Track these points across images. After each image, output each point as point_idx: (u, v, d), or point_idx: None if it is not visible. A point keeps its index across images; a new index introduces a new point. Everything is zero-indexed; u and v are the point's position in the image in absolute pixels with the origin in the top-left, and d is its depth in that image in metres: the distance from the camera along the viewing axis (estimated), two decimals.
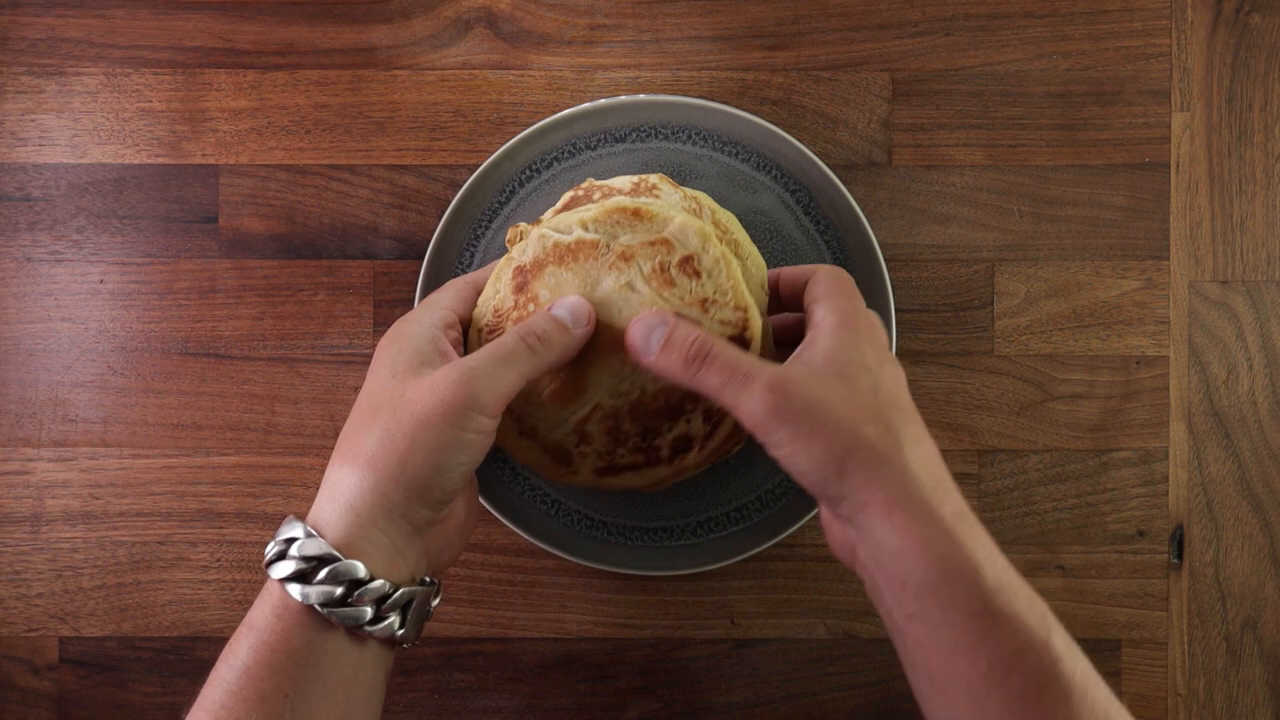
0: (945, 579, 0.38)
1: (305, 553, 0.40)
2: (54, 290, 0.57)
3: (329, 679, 0.40)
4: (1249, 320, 0.57)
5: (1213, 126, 0.57)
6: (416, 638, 0.43)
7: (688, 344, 0.41)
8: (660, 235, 0.45)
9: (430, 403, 0.41)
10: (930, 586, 0.38)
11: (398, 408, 0.41)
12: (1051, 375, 0.57)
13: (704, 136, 0.55)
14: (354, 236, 0.57)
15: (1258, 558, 0.57)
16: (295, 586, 0.39)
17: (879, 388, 0.41)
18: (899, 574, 0.39)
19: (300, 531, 0.40)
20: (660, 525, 0.56)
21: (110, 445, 0.57)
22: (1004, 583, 0.39)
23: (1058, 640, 0.38)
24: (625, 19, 0.57)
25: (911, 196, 0.57)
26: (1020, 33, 0.57)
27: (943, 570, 0.38)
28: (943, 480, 0.40)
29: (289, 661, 0.39)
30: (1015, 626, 0.38)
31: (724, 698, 0.57)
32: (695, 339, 0.41)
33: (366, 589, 0.40)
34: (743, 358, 0.41)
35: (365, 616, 0.40)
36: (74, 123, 0.57)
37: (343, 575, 0.39)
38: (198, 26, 0.57)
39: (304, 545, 0.40)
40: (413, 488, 0.41)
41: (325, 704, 0.40)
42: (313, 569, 0.40)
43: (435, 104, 0.57)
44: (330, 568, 0.40)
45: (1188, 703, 0.57)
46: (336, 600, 0.39)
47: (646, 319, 0.43)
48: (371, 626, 0.40)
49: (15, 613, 0.56)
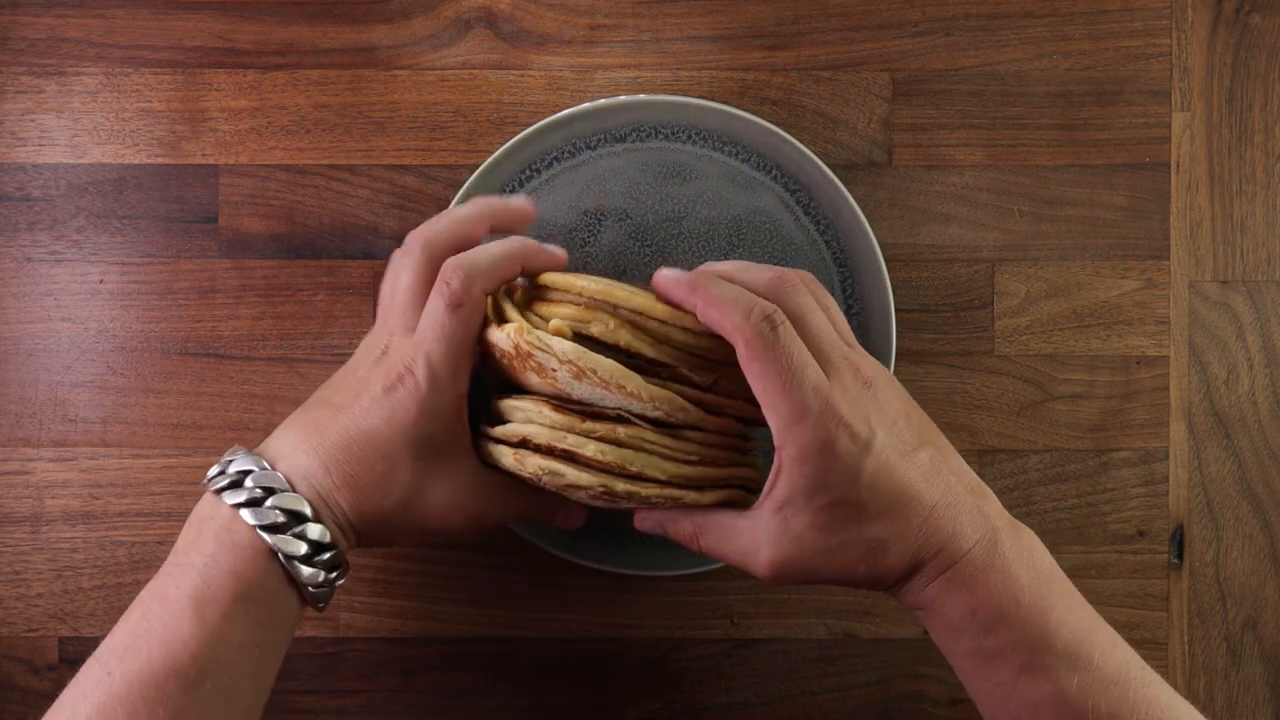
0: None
1: (261, 484, 0.42)
2: (54, 290, 0.57)
3: (273, 617, 0.42)
4: (1249, 320, 0.57)
5: (1213, 126, 0.57)
6: (323, 605, 0.44)
7: (681, 535, 0.45)
8: None
9: (443, 520, 0.45)
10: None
11: (413, 504, 0.45)
12: (1051, 375, 0.57)
13: (704, 136, 0.55)
14: (354, 236, 0.57)
15: (1258, 558, 0.57)
16: (247, 511, 0.42)
17: (862, 502, 0.40)
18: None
19: (253, 464, 0.43)
20: None
21: (110, 445, 0.57)
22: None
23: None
24: (625, 19, 0.57)
25: (911, 196, 0.57)
26: (1020, 33, 0.57)
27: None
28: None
29: (245, 598, 0.41)
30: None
31: (724, 698, 0.57)
32: (687, 533, 0.44)
33: (307, 526, 0.42)
34: (723, 536, 0.43)
35: (300, 550, 0.42)
36: (74, 123, 0.57)
37: (288, 506, 0.42)
38: (198, 26, 0.57)
39: (260, 477, 0.42)
40: (357, 486, 0.44)
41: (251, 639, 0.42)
42: (260, 499, 0.42)
43: (435, 104, 0.57)
44: (277, 496, 0.42)
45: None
46: (278, 527, 0.42)
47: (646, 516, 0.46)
48: (304, 565, 0.42)
49: (15, 613, 0.56)
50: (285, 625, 0.43)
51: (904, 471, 0.40)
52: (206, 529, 0.42)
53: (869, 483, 0.40)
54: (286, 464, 0.43)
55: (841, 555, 0.40)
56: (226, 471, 0.43)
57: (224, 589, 0.40)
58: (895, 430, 0.41)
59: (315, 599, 0.43)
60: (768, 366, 0.39)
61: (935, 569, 0.40)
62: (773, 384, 0.39)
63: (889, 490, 0.40)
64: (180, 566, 0.42)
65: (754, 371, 0.40)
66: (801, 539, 0.40)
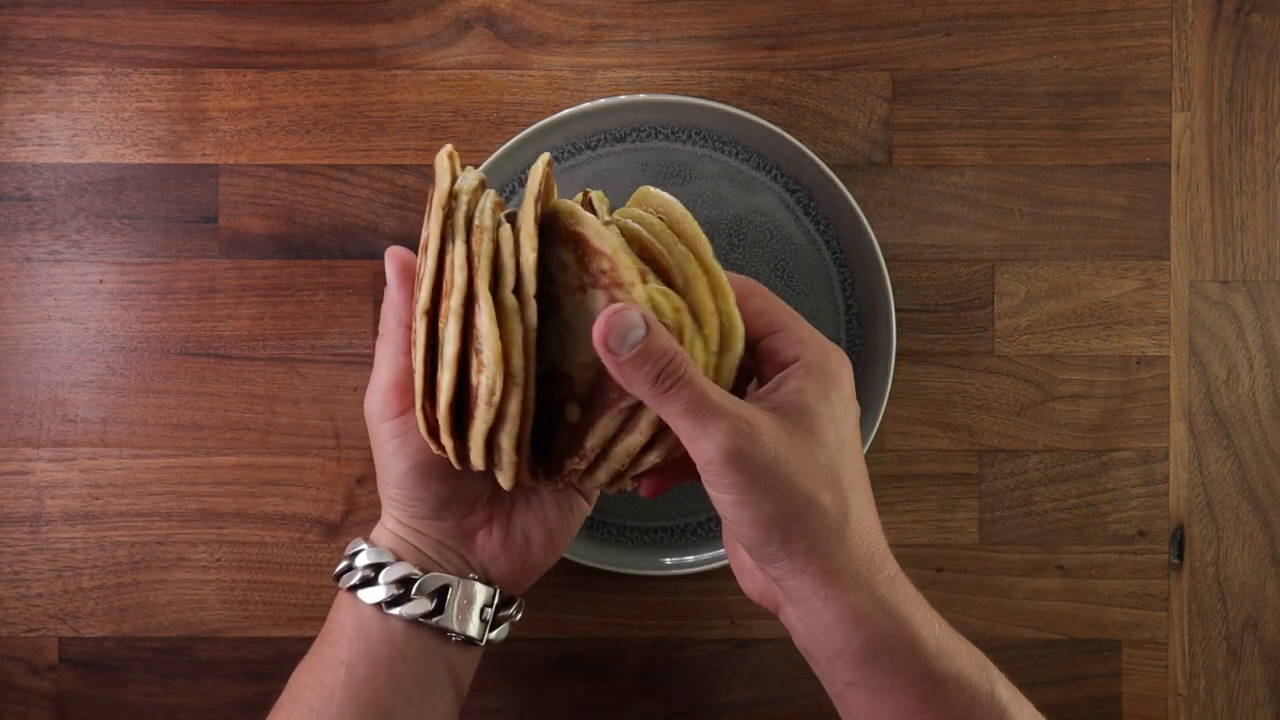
0: (885, 649, 0.38)
1: (366, 561, 0.44)
2: (54, 290, 0.57)
3: (404, 673, 0.43)
4: (1249, 320, 0.57)
5: (1213, 126, 0.57)
6: (480, 637, 0.45)
7: (663, 359, 0.37)
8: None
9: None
10: (869, 657, 0.38)
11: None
12: (1052, 375, 0.57)
13: (704, 136, 0.55)
14: (354, 236, 0.57)
15: (1258, 558, 0.57)
16: (365, 591, 0.43)
17: (843, 444, 0.39)
18: (835, 645, 0.39)
19: (362, 545, 0.45)
20: (660, 525, 0.56)
21: (110, 445, 0.56)
22: (944, 645, 0.39)
23: (1001, 691, 0.39)
24: (625, 19, 0.57)
25: (911, 196, 0.57)
26: (1020, 33, 0.57)
27: (881, 641, 0.38)
28: (878, 546, 0.40)
29: (382, 667, 0.43)
30: (960, 685, 0.38)
31: (724, 698, 0.56)
32: (673, 356, 0.37)
33: (404, 576, 0.44)
34: (711, 390, 0.37)
35: (423, 610, 0.43)
36: (73, 122, 0.57)
37: (391, 575, 0.44)
38: (198, 26, 0.57)
39: (365, 555, 0.44)
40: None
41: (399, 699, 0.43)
42: (372, 576, 0.44)
43: (435, 104, 0.57)
44: (419, 581, 0.44)
45: (1188, 703, 0.57)
46: (394, 600, 0.43)
47: (626, 315, 0.37)
48: (398, 606, 0.43)
49: (15, 613, 0.56)
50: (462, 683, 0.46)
51: (854, 451, 0.40)
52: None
53: (853, 426, 0.41)
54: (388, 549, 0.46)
55: (804, 446, 0.38)
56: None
57: None
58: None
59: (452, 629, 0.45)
60: (775, 300, 0.42)
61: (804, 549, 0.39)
62: (786, 312, 0.42)
63: (852, 444, 0.40)
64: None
65: (765, 305, 0.41)
66: (778, 412, 0.39)
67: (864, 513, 0.40)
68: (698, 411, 0.37)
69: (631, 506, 0.56)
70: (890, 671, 0.38)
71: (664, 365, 0.37)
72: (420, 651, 0.43)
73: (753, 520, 0.38)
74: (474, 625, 0.44)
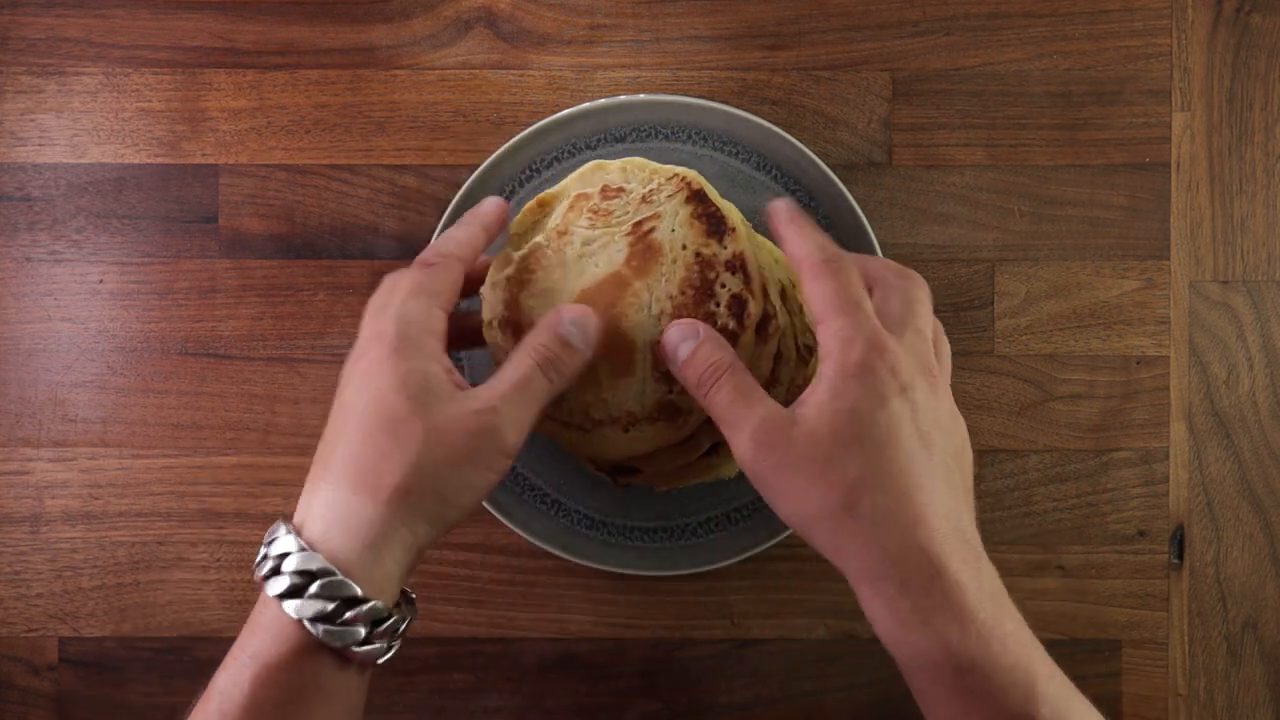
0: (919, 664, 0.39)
1: (298, 567, 0.39)
2: (54, 290, 0.57)
3: (327, 709, 0.39)
4: (1249, 320, 0.57)
5: (1213, 126, 0.57)
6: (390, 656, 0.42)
7: (705, 365, 0.42)
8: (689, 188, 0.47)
9: (461, 446, 0.40)
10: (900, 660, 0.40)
11: (428, 443, 0.40)
12: (1051, 375, 0.57)
13: (704, 136, 0.55)
14: (354, 236, 0.57)
15: (1258, 558, 0.57)
16: (290, 602, 0.38)
17: (860, 441, 0.39)
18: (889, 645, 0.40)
19: (293, 545, 0.39)
20: (660, 525, 0.56)
21: (110, 445, 0.57)
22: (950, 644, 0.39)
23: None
24: (625, 19, 0.57)
25: (911, 196, 0.57)
26: (1020, 33, 0.57)
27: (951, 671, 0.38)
28: (909, 544, 0.39)
29: (289, 692, 0.39)
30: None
31: (724, 698, 0.56)
32: (713, 361, 0.42)
33: (360, 609, 0.39)
34: (750, 391, 0.41)
35: (358, 636, 0.39)
36: (73, 122, 0.57)
37: (335, 592, 0.38)
38: (198, 26, 0.57)
39: (298, 559, 0.39)
40: (435, 523, 0.41)
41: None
42: (304, 584, 0.38)
43: (435, 104, 0.57)
44: (321, 582, 0.38)
45: (1188, 703, 0.57)
46: (326, 616, 0.38)
47: (681, 328, 0.44)
48: (360, 648, 0.39)
49: (15, 613, 0.56)
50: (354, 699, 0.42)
51: (914, 448, 0.39)
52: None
53: (887, 422, 0.39)
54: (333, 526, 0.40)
55: (819, 461, 0.39)
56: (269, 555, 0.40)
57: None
58: (935, 413, 0.40)
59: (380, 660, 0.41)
60: (827, 286, 0.41)
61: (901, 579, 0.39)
62: (831, 302, 0.41)
63: (888, 443, 0.39)
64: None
65: (814, 292, 0.41)
66: (806, 421, 0.39)
67: (891, 509, 0.39)
68: (732, 411, 0.41)
69: (631, 506, 0.56)
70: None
71: (705, 370, 0.42)
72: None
73: (785, 516, 0.41)
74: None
